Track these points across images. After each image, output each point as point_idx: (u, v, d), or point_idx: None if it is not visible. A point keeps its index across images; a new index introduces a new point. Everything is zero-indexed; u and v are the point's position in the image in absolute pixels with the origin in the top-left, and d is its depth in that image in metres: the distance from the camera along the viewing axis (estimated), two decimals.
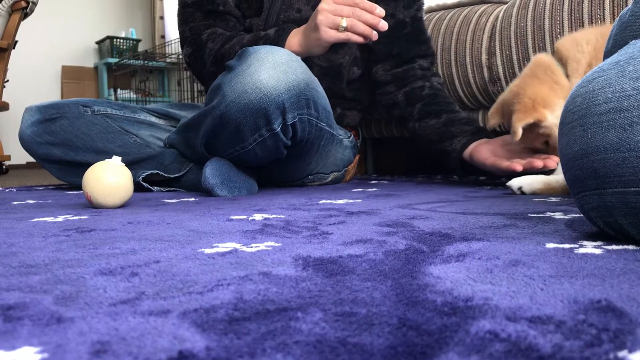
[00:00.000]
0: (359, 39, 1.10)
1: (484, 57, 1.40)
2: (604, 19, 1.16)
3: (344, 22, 1.08)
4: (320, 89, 1.11)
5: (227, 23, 1.30)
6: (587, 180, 0.47)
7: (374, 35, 1.10)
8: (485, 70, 1.40)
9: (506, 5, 1.40)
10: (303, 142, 1.12)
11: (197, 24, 1.29)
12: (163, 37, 4.54)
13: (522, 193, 0.95)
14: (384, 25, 1.09)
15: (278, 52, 1.03)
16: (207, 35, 1.27)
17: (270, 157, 1.11)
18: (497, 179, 1.35)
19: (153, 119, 1.33)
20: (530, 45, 1.29)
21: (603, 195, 0.46)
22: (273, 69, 1.01)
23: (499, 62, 1.36)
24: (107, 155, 1.22)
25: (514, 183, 0.97)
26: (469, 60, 1.43)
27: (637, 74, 0.44)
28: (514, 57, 1.33)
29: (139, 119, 1.30)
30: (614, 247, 0.47)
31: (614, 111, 0.44)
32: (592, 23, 1.18)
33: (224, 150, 1.10)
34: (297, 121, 1.05)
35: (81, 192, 1.25)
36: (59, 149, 1.25)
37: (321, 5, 1.10)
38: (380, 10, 1.08)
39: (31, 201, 1.03)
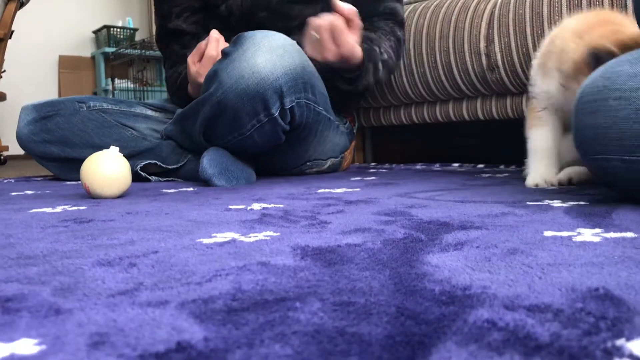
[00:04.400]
0: None
1: (482, 44, 1.39)
2: (602, 5, 1.16)
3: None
4: (317, 72, 1.11)
5: (183, 41, 1.34)
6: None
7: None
8: (483, 57, 1.39)
9: None
10: (301, 127, 1.11)
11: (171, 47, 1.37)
12: None
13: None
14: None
15: (274, 36, 1.03)
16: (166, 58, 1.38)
17: (269, 143, 1.11)
18: (495, 166, 1.35)
19: (149, 112, 1.33)
20: (528, 32, 1.29)
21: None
22: (269, 53, 1.00)
23: (497, 49, 1.36)
24: None
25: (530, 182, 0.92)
26: (467, 48, 1.42)
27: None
28: (512, 44, 1.32)
29: (135, 112, 1.30)
30: (612, 234, 0.47)
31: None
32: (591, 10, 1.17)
33: (222, 137, 1.09)
34: (295, 105, 1.05)
35: (79, 183, 1.24)
36: (56, 146, 1.25)
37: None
38: None
39: (29, 192, 1.03)
